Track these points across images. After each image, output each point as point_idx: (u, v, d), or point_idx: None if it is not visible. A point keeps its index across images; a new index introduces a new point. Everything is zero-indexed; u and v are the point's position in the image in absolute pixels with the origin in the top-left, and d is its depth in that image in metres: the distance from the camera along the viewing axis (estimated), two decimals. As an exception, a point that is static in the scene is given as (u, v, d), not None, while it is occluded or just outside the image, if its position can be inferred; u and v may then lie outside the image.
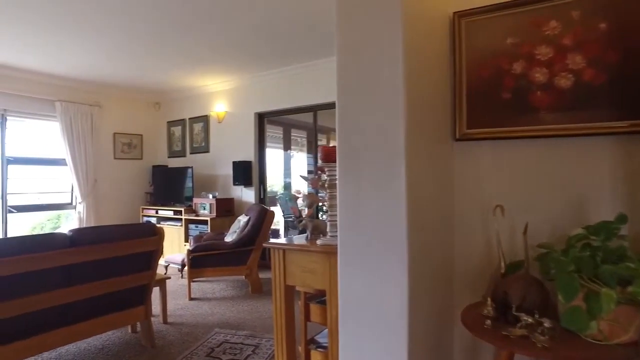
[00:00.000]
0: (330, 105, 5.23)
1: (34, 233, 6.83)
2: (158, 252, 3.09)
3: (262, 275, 4.96)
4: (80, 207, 6.18)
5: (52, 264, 2.47)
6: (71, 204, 6.36)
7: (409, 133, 1.40)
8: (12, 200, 5.80)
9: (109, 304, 2.87)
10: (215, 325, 3.64)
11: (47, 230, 6.96)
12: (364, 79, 1.48)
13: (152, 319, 3.64)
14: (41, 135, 6.19)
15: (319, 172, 2.00)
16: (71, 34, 4.23)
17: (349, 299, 1.54)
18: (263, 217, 4.78)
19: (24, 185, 6.00)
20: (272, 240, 6.12)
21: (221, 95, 6.45)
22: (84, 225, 6.12)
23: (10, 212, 5.83)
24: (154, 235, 3.02)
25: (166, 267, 5.56)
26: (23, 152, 5.93)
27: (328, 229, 1.91)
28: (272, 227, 5.19)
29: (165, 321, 3.70)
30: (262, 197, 6.15)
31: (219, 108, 6.42)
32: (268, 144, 6.29)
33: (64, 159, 6.05)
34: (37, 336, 2.50)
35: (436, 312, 1.69)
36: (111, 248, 2.75)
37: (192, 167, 6.37)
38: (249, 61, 5.31)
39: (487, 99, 1.73)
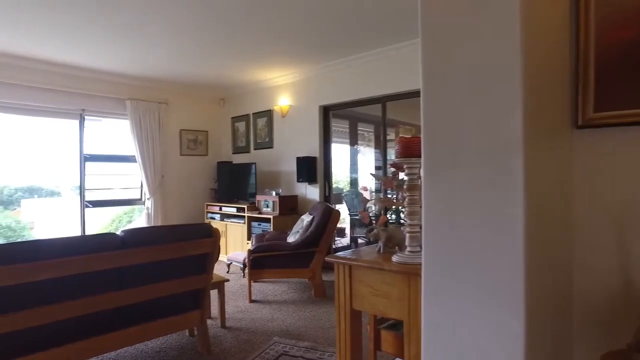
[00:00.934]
0: (402, 95, 4.78)
1: (114, 225, 7.13)
2: (214, 254, 2.88)
3: (326, 277, 4.66)
4: (149, 203, 6.28)
5: (103, 265, 2.33)
6: (140, 199, 6.50)
7: (527, 115, 1.00)
8: (88, 196, 6.02)
9: (162, 308, 2.70)
10: (275, 333, 3.39)
11: (124, 224, 7.23)
12: (461, 43, 1.09)
13: (210, 321, 3.48)
14: (114, 133, 6.38)
15: (394, 169, 1.63)
16: (142, 33, 4.20)
17: (435, 335, 1.16)
18: (328, 217, 4.47)
19: (99, 181, 6.23)
20: (337, 245, 5.84)
21: (285, 88, 6.24)
22: (152, 221, 6.22)
23: (87, 207, 6.07)
24: (210, 237, 2.82)
25: (229, 265, 5.47)
26: (98, 150, 6.15)
27: (407, 243, 1.52)
28: (338, 225, 4.87)
29: (223, 325, 3.52)
30: (327, 194, 5.85)
31: (282, 102, 6.21)
32: (333, 139, 5.96)
33: (134, 156, 6.18)
34: (89, 339, 2.36)
35: (554, 356, 1.26)
36: (164, 250, 2.57)
37: (255, 163, 6.22)
38: (313, 52, 5.01)
39: (627, 70, 1.27)
